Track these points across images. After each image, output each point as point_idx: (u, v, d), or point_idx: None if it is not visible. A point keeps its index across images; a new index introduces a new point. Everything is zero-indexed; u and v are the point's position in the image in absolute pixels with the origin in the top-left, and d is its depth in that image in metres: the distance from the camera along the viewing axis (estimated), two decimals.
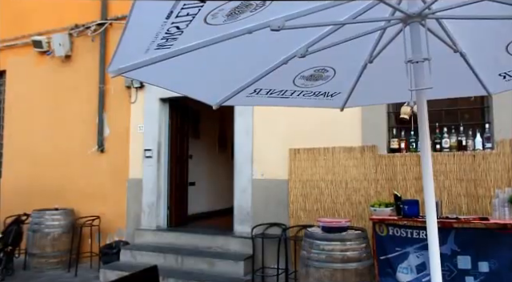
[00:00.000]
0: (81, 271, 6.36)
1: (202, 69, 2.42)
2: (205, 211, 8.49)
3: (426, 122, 2.06)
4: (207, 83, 2.69)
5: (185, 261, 5.80)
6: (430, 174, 2.12)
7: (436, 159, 4.89)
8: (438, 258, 2.11)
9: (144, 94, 6.97)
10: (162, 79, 2.43)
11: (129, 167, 6.98)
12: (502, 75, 2.67)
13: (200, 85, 2.69)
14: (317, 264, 4.03)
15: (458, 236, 4.01)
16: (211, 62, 2.33)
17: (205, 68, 2.42)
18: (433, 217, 2.10)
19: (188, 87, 2.67)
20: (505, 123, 4.68)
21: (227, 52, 2.21)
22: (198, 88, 2.73)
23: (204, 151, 8.81)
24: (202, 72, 2.48)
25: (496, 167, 4.62)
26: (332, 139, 5.41)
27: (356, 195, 5.23)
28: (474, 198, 4.70)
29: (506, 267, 3.81)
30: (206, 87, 2.75)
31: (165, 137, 6.99)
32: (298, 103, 3.14)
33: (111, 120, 7.22)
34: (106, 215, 6.98)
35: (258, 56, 2.46)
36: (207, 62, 2.32)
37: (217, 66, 2.45)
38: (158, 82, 2.54)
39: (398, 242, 4.21)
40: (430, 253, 2.14)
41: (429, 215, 2.12)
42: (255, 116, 5.95)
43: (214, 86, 2.74)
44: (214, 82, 2.67)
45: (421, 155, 2.12)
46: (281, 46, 2.38)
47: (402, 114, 5.12)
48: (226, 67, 2.49)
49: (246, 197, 5.92)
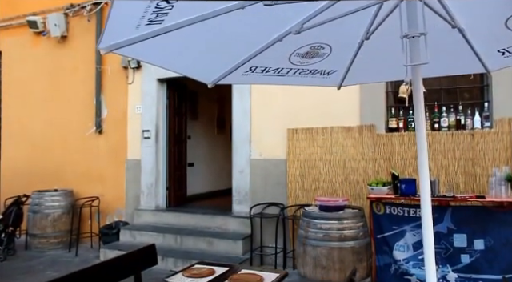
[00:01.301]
0: (81, 251, 6.43)
1: (195, 46, 2.38)
2: (204, 191, 8.52)
3: (421, 100, 2.03)
4: (201, 61, 2.65)
5: (184, 241, 5.85)
6: (425, 152, 2.10)
7: (434, 138, 4.89)
8: (432, 236, 2.11)
9: (141, 74, 6.92)
10: (155, 57, 2.40)
11: (127, 148, 6.98)
12: (501, 51, 2.62)
13: (194, 63, 2.66)
14: (314, 243, 4.06)
15: (454, 214, 4.03)
16: (204, 39, 2.29)
17: (198, 45, 2.38)
18: (427, 196, 2.09)
19: (182, 65, 2.63)
20: (504, 102, 4.65)
21: (220, 29, 2.17)
22: (193, 66, 2.70)
23: (202, 131, 8.79)
24: (196, 50, 2.44)
25: (494, 146, 4.62)
26: (330, 119, 5.39)
27: (354, 174, 5.23)
28: (471, 177, 4.71)
29: (500, 244, 3.84)
30: (200, 65, 2.72)
31: (163, 118, 6.96)
32: (295, 82, 3.11)
33: (109, 101, 7.18)
34: (106, 196, 7.02)
35: (253, 33, 2.42)
36: (200, 39, 2.28)
37: (210, 44, 2.40)
38: (151, 60, 2.51)
39: (394, 220, 4.23)
40: (424, 231, 2.14)
41: (423, 193, 2.12)
42: (253, 96, 5.91)
43: (209, 64, 2.70)
44: (208, 59, 2.64)
45: (416, 134, 2.10)
46: (275, 23, 2.34)
47: (400, 94, 5.09)
48: (220, 45, 2.45)
49: (245, 177, 5.93)
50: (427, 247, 2.08)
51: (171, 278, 2.73)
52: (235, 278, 2.66)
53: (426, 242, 2.09)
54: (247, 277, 2.67)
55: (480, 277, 3.89)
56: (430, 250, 2.05)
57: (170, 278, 2.74)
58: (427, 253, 2.07)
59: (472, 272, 3.93)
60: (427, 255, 2.07)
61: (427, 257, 2.07)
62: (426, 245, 2.10)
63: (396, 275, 4.21)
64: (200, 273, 2.78)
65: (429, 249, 2.05)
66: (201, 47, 2.42)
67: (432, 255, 2.08)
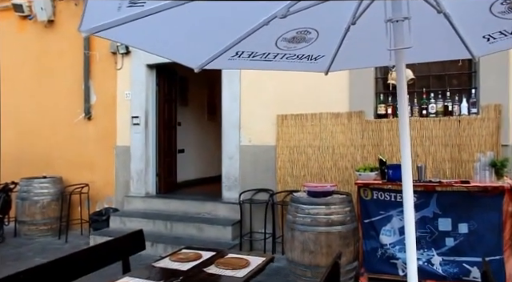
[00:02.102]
0: (71, 238, 6.43)
1: (180, 30, 2.36)
2: (194, 178, 8.53)
3: (404, 85, 2.03)
4: (187, 45, 2.62)
5: (174, 227, 5.87)
6: (407, 138, 2.12)
7: (422, 125, 4.92)
8: (413, 221, 2.15)
9: (130, 60, 6.85)
10: (139, 40, 2.37)
11: (116, 134, 6.94)
12: (486, 37, 2.63)
13: (180, 47, 2.63)
14: (302, 228, 4.10)
15: (440, 199, 4.08)
16: (190, 22, 2.27)
17: (184, 29, 2.36)
18: (408, 181, 2.12)
19: (168, 49, 2.61)
20: (490, 88, 4.68)
21: (206, 12, 2.15)
22: (179, 50, 2.67)
23: (193, 118, 8.76)
24: (181, 33, 2.42)
25: (480, 132, 4.66)
26: (319, 105, 5.39)
27: (343, 160, 5.27)
28: (457, 163, 4.77)
29: (483, 228, 3.91)
30: (186, 50, 2.69)
31: (152, 104, 6.92)
32: (282, 67, 3.09)
33: (97, 87, 7.11)
34: (95, 183, 7.00)
35: (239, 17, 2.39)
36: (185, 22, 2.26)
37: (196, 27, 2.38)
38: (136, 44, 2.49)
39: (381, 205, 4.27)
40: (406, 216, 2.18)
41: (405, 179, 2.14)
42: (242, 82, 5.89)
43: (195, 48, 2.68)
44: (194, 44, 2.61)
45: (399, 119, 2.11)
46: (262, 7, 2.32)
47: (389, 80, 5.10)
48: (205, 28, 2.42)
49: (234, 163, 5.94)
50: (408, 232, 2.12)
51: (158, 262, 2.75)
52: (221, 262, 2.68)
53: (408, 226, 2.12)
54: (233, 261, 2.70)
55: (463, 260, 3.96)
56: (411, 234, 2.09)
57: (156, 262, 2.75)
58: (408, 237, 2.11)
59: (456, 255, 4.00)
60: (408, 239, 2.11)
61: (408, 241, 2.12)
62: (408, 230, 2.13)
63: (382, 259, 4.27)
64: (187, 258, 2.80)
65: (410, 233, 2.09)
66: (186, 31, 2.39)
67: (413, 239, 2.12)
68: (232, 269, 2.56)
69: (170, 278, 2.44)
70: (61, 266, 2.56)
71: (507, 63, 4.60)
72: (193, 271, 2.56)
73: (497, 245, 3.86)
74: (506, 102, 4.60)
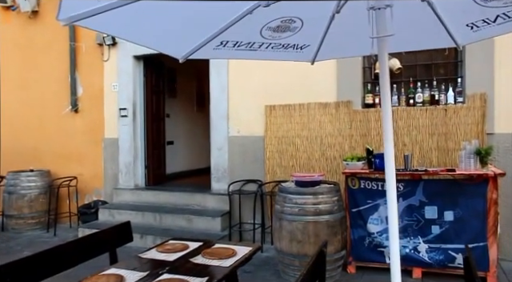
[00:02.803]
0: (60, 231, 6.40)
1: (163, 19, 2.33)
2: (184, 170, 8.51)
3: (386, 74, 2.04)
4: (171, 35, 2.60)
5: (163, 219, 5.87)
6: (389, 127, 2.13)
7: (409, 114, 4.95)
8: (396, 210, 2.18)
9: (117, 51, 6.77)
10: (122, 30, 2.34)
11: (104, 126, 6.89)
12: (470, 26, 2.63)
13: (164, 37, 2.60)
14: (290, 218, 4.12)
15: (426, 188, 4.12)
16: (173, 11, 2.25)
17: (167, 18, 2.33)
18: (391, 170, 2.14)
19: (151, 39, 2.58)
20: (476, 77, 4.72)
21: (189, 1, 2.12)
22: (162, 40, 2.65)
23: (181, 109, 8.72)
24: (165, 23, 2.39)
25: (466, 121, 4.71)
26: (307, 95, 5.39)
27: (331, 150, 5.29)
28: (444, 151, 4.81)
29: (468, 215, 3.96)
30: (170, 39, 2.66)
31: (140, 95, 6.87)
32: (267, 56, 3.08)
33: (84, 79, 7.03)
34: (83, 176, 6.95)
35: (222, 6, 2.37)
36: (168, 11, 2.23)
37: (179, 17, 2.35)
38: (118, 33, 2.46)
39: (369, 194, 4.30)
40: (389, 205, 2.20)
41: (387, 168, 2.16)
42: (230, 73, 5.86)
43: (179, 38, 2.65)
44: (177, 33, 2.58)
45: (382, 108, 2.12)
46: None
47: (377, 69, 5.11)
48: (189, 18, 2.40)
49: (223, 154, 5.94)
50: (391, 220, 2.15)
51: (145, 253, 2.75)
52: (208, 252, 2.69)
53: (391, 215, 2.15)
54: (220, 251, 2.71)
55: (448, 247, 4.02)
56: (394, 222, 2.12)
57: (143, 254, 2.75)
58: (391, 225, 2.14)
59: (441, 243, 4.06)
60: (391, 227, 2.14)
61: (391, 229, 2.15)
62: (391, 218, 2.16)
63: (370, 248, 4.31)
64: (174, 248, 2.80)
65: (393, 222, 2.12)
66: (169, 20, 2.36)
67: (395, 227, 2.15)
68: (218, 259, 2.56)
69: (157, 269, 2.43)
70: (47, 258, 2.54)
71: (492, 52, 4.63)
72: (179, 262, 2.56)
73: (481, 232, 3.92)
74: (491, 90, 4.64)
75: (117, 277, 2.23)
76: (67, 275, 2.70)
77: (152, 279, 2.22)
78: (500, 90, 4.63)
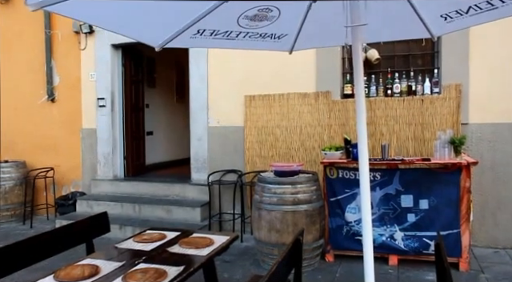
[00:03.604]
0: (36, 223, 6.31)
1: (138, 6, 2.29)
2: (164, 160, 8.45)
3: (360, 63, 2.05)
4: (147, 23, 2.56)
5: (142, 209, 5.83)
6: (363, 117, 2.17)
7: (387, 104, 5.01)
8: (368, 198, 2.22)
9: (94, 40, 6.64)
10: (95, 16, 2.30)
11: (82, 116, 6.77)
12: (444, 17, 2.67)
13: (139, 24, 2.56)
14: (268, 207, 4.14)
15: (402, 177, 4.20)
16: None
17: (142, 5, 2.29)
18: (364, 160, 2.18)
19: (126, 27, 2.53)
20: (452, 68, 4.80)
21: None
22: (138, 28, 2.60)
23: (161, 100, 8.62)
24: (140, 10, 2.35)
25: (442, 111, 4.79)
26: (287, 85, 5.40)
27: (310, 140, 5.32)
28: (420, 141, 4.90)
29: (443, 203, 4.05)
30: (146, 27, 2.62)
31: (118, 85, 6.77)
32: (245, 46, 3.06)
33: (60, 68, 6.88)
34: (61, 167, 6.84)
35: None
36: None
37: (154, 4, 2.31)
38: (91, 20, 2.43)
39: (347, 184, 4.35)
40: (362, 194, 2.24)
41: (361, 157, 2.20)
42: (210, 62, 5.82)
43: (155, 26, 2.61)
44: (153, 21, 2.54)
45: (355, 99, 2.14)
46: None
47: None
48: (164, 5, 2.36)
49: (202, 145, 5.91)
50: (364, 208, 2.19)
51: (121, 244, 2.73)
52: (185, 241, 2.69)
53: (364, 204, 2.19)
54: (197, 240, 2.71)
55: (423, 234, 4.11)
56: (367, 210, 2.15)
57: (120, 244, 2.73)
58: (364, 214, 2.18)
59: (416, 230, 4.15)
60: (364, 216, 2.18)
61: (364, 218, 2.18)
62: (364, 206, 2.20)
63: (348, 237, 4.37)
64: (151, 238, 2.79)
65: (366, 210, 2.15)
66: (145, 8, 2.32)
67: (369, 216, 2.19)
68: (195, 248, 2.57)
69: (133, 258, 2.42)
70: (21, 249, 2.50)
71: (467, 44, 4.72)
72: (156, 251, 2.55)
73: (454, 219, 4.02)
74: (466, 82, 4.73)
75: (92, 267, 2.21)
76: (43, 267, 2.67)
77: (128, 269, 2.21)
78: (474, 82, 4.72)
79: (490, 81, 4.68)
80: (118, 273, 2.16)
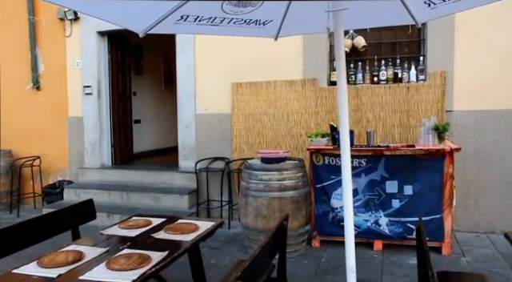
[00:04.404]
0: (23, 212, 6.27)
1: None
2: (152, 148, 8.43)
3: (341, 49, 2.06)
4: (130, 8, 2.53)
5: (130, 197, 5.83)
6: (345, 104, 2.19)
7: (373, 91, 5.04)
8: (350, 185, 2.27)
9: (79, 26, 6.54)
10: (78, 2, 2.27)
11: (68, 104, 6.70)
12: (427, 3, 2.68)
13: (122, 10, 2.53)
14: (255, 194, 4.17)
15: (387, 163, 4.24)
16: None
17: None
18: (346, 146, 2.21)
19: (110, 12, 2.50)
20: (437, 56, 4.83)
21: None
22: (121, 14, 2.57)
23: (149, 87, 8.56)
24: None
25: (427, 98, 4.84)
26: (274, 73, 5.40)
27: (297, 127, 5.34)
28: (406, 128, 4.95)
29: (426, 189, 4.12)
30: (129, 13, 2.59)
31: (105, 73, 6.70)
32: (230, 32, 3.05)
33: (45, 55, 6.78)
34: (47, 156, 6.79)
35: None
36: None
37: None
38: (74, 6, 2.40)
39: (333, 170, 4.39)
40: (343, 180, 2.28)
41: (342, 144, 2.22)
42: (197, 49, 5.78)
43: (138, 11, 2.59)
44: (136, 6, 2.51)
45: (337, 86, 2.15)
46: None
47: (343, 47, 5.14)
48: None
49: (190, 132, 5.91)
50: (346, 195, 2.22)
51: (106, 230, 2.74)
52: (170, 227, 2.70)
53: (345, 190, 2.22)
54: (182, 226, 2.73)
55: (407, 220, 4.18)
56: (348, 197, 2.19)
57: (105, 230, 2.74)
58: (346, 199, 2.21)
59: (401, 216, 4.21)
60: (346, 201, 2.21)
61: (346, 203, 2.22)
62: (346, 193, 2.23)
63: (333, 223, 4.42)
64: (136, 224, 2.80)
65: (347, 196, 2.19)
66: None
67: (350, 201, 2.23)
68: (180, 234, 2.58)
69: (118, 244, 2.44)
70: (4, 237, 2.49)
71: (452, 31, 4.75)
72: (141, 237, 2.57)
73: (437, 205, 4.10)
74: (450, 69, 4.78)
75: (76, 253, 2.22)
76: (30, 255, 2.65)
77: (112, 255, 2.22)
78: (459, 69, 4.77)
79: (474, 69, 4.73)
80: (102, 259, 2.18)
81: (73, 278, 1.94)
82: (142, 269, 2.01)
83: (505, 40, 4.64)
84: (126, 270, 1.99)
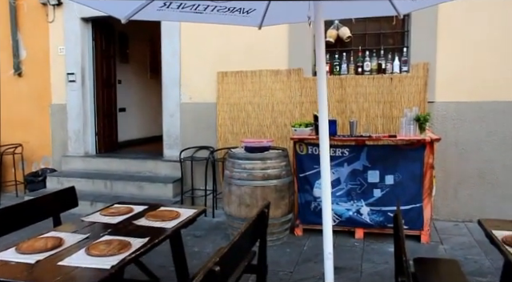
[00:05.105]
0: (5, 200, 6.20)
1: None
2: (137, 137, 8.38)
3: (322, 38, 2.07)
4: None
5: (114, 186, 5.81)
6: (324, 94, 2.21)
7: (357, 82, 5.08)
8: (328, 174, 2.30)
9: (63, 12, 6.43)
10: None
11: (51, 91, 6.61)
12: None
13: None
14: (239, 182, 4.20)
15: (369, 153, 4.30)
16: None
17: None
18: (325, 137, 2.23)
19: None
20: (420, 47, 4.88)
21: None
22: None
23: (134, 76, 8.48)
24: None
25: (410, 90, 4.90)
26: (259, 62, 5.40)
27: (281, 117, 5.37)
28: (389, 118, 5.01)
29: (407, 178, 4.19)
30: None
31: (89, 60, 6.61)
32: (214, 20, 3.03)
33: (27, 41, 6.66)
34: (30, 143, 6.71)
35: None
36: None
37: None
38: None
39: (316, 160, 4.40)
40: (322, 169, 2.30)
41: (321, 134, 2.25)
42: (182, 38, 5.74)
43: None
44: None
45: (317, 76, 2.17)
46: None
47: (327, 37, 5.17)
48: None
49: (175, 121, 5.89)
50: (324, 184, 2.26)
51: (87, 217, 2.74)
52: (152, 214, 2.71)
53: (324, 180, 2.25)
54: (164, 213, 2.74)
55: (388, 209, 4.26)
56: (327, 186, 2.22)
57: (86, 217, 2.74)
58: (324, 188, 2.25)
59: (382, 205, 4.29)
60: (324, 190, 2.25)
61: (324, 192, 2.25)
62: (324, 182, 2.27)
63: (316, 212, 4.47)
64: (118, 211, 2.80)
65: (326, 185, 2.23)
66: None
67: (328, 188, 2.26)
68: (162, 221, 2.59)
69: (98, 231, 2.44)
70: None
71: (435, 24, 4.80)
72: (122, 224, 2.57)
73: (417, 194, 4.17)
74: (433, 61, 4.84)
75: (55, 240, 2.22)
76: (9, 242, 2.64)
77: (92, 241, 2.22)
78: (441, 61, 4.83)
79: (455, 61, 4.80)
80: (81, 245, 2.18)
81: (51, 264, 1.94)
82: (122, 255, 2.02)
83: (483, 34, 4.71)
84: (105, 256, 2.00)
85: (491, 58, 4.71)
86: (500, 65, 4.69)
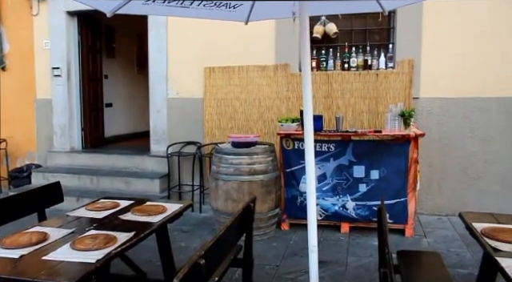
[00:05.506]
0: None
1: None
2: (124, 133, 8.32)
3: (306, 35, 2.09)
4: None
5: (100, 181, 5.78)
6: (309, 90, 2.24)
7: (344, 78, 5.12)
8: (313, 169, 2.32)
9: (47, 5, 6.35)
10: None
11: (36, 86, 6.53)
12: None
13: None
14: (225, 178, 4.21)
15: (355, 148, 4.35)
16: None
17: None
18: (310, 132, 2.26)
19: None
20: (406, 44, 4.94)
21: None
22: None
23: (121, 70, 8.41)
24: None
25: (395, 86, 4.95)
26: (247, 58, 5.40)
27: (268, 112, 5.39)
28: (374, 114, 5.06)
29: (392, 173, 4.25)
30: None
31: (75, 54, 6.54)
32: (200, 14, 3.03)
33: (11, 34, 6.56)
34: (14, 138, 6.62)
35: None
36: None
37: None
38: None
39: (302, 155, 4.36)
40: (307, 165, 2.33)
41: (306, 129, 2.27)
42: (169, 32, 5.71)
43: None
44: None
45: (302, 72, 2.19)
46: None
47: (314, 33, 5.19)
48: None
49: (162, 117, 5.87)
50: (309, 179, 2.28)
51: (73, 212, 2.73)
52: (138, 209, 2.72)
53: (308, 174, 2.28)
54: (150, 208, 2.74)
55: (373, 203, 4.31)
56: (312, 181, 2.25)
57: (71, 212, 2.73)
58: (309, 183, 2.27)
59: (367, 200, 4.34)
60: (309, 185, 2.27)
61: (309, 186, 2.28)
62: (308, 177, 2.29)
63: (302, 207, 4.50)
64: (104, 206, 2.80)
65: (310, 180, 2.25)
66: None
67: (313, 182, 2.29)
68: (148, 215, 2.60)
69: (84, 226, 2.44)
70: None
71: (420, 21, 4.86)
72: (108, 219, 2.57)
73: (402, 188, 4.24)
74: (418, 57, 4.90)
75: (40, 234, 2.21)
76: None
77: (78, 236, 2.22)
78: (426, 58, 4.89)
79: (440, 57, 4.87)
80: (67, 239, 2.17)
81: (36, 258, 1.93)
82: (108, 249, 2.02)
83: (467, 32, 4.79)
84: (91, 250, 2.00)
85: (475, 56, 4.79)
86: (483, 62, 4.77)
